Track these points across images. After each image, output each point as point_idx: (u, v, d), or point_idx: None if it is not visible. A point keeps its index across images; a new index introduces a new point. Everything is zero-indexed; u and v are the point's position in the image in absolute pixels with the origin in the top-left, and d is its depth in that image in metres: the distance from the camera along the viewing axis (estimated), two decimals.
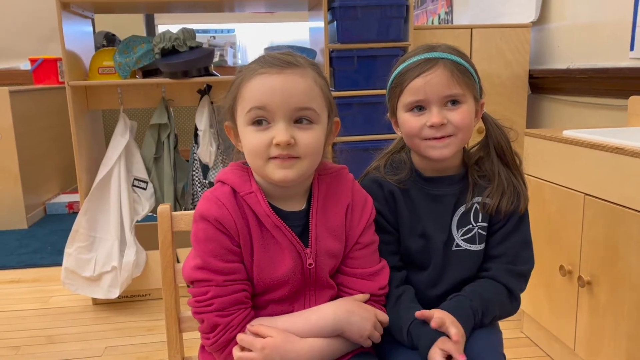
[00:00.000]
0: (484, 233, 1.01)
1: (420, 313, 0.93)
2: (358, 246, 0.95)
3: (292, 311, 0.92)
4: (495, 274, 1.01)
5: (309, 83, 0.86)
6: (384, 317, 0.94)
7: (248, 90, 0.85)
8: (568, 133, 1.61)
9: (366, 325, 0.90)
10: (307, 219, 0.92)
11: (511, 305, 1.02)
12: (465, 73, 0.96)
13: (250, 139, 0.86)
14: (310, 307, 0.93)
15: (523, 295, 1.04)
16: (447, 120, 0.94)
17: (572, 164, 1.56)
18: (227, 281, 0.87)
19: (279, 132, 0.83)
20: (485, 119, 1.04)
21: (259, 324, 0.88)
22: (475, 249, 1.01)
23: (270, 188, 0.90)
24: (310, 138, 0.85)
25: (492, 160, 1.02)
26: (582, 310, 1.55)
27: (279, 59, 0.85)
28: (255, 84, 0.85)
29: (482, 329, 0.98)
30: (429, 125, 0.94)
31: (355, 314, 0.89)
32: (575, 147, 1.54)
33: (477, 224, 1.01)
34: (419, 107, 0.96)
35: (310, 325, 0.88)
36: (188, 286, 0.92)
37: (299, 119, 0.85)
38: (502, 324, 1.05)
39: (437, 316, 0.91)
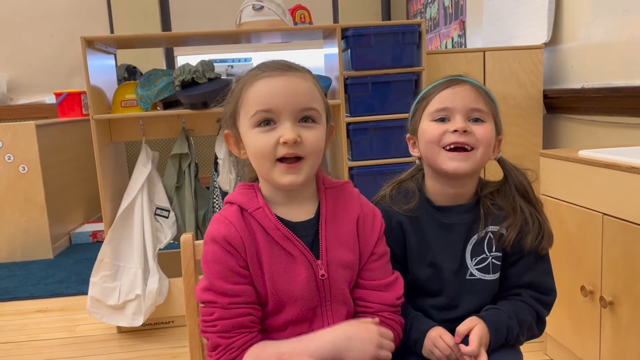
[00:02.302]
0: (498, 263, 1.02)
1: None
2: (374, 257, 0.96)
3: (311, 332, 0.93)
4: (526, 299, 1.02)
5: (310, 85, 0.90)
6: (388, 333, 0.93)
7: (252, 94, 0.88)
8: (584, 153, 1.62)
9: (367, 348, 0.89)
10: (316, 229, 0.93)
11: (538, 329, 1.04)
12: (488, 97, 1.01)
13: (256, 141, 0.88)
14: (328, 326, 0.93)
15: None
16: (470, 130, 0.97)
17: (590, 184, 1.56)
18: (231, 304, 0.89)
19: (286, 130, 0.86)
20: (502, 161, 1.06)
21: (264, 350, 0.88)
22: (489, 278, 1.02)
23: (276, 199, 0.93)
24: (314, 136, 0.88)
25: (513, 197, 1.03)
26: (606, 331, 1.53)
27: (280, 63, 0.90)
28: (259, 87, 0.88)
29: (502, 351, 0.99)
30: (452, 130, 0.97)
31: (354, 339, 0.89)
32: (591, 167, 1.54)
33: (491, 254, 1.02)
34: (442, 119, 0.99)
35: (310, 351, 0.88)
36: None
37: (303, 119, 0.88)
38: (526, 347, 1.06)
39: (469, 323, 0.95)
